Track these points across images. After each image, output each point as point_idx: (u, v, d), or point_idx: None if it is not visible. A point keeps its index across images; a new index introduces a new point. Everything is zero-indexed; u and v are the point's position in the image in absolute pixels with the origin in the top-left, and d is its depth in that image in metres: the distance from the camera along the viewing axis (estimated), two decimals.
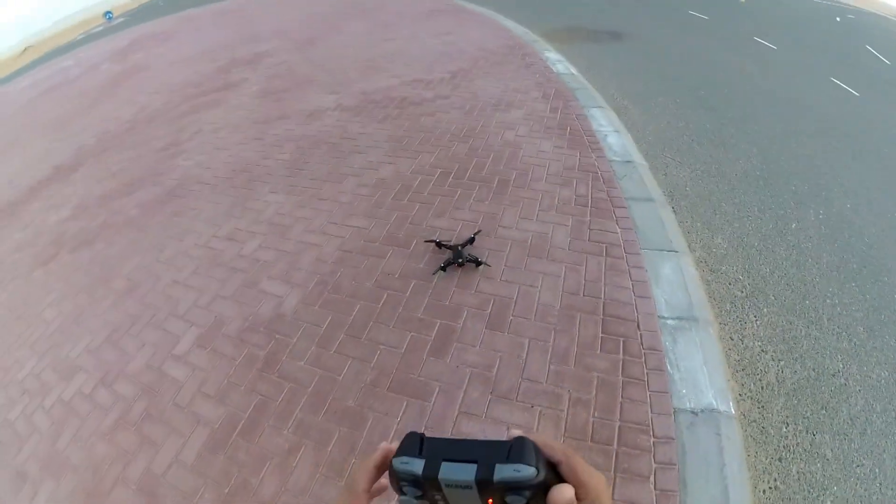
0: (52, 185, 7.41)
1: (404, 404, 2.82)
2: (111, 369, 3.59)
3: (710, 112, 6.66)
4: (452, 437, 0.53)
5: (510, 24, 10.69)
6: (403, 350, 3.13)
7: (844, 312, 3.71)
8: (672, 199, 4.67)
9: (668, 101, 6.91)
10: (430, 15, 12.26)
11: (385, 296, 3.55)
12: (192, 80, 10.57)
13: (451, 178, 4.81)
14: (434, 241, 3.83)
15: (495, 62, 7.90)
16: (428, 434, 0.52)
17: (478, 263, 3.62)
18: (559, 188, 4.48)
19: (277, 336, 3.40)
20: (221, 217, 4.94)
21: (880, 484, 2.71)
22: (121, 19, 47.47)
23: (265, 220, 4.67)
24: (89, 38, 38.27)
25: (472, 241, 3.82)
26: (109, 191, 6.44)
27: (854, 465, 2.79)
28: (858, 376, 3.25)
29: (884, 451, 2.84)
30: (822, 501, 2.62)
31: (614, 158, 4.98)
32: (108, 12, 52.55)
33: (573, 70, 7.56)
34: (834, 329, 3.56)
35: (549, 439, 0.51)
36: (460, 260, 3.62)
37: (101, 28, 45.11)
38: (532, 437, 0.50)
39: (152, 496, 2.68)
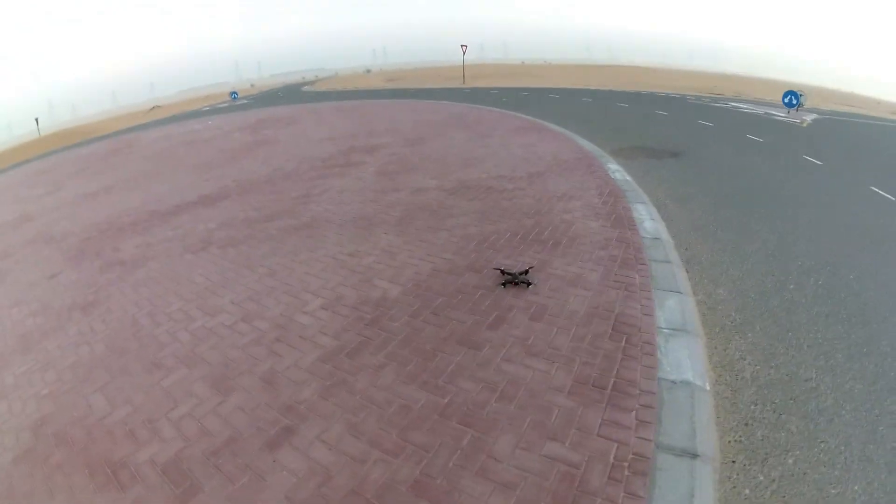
0: (199, 208, 9.71)
1: (463, 352, 4.15)
2: (250, 314, 5.17)
3: (742, 210, 7.82)
4: None
5: (584, 142, 12.65)
6: (469, 324, 4.53)
7: (825, 343, 4.38)
8: (687, 264, 5.86)
9: (706, 201, 8.19)
10: (519, 130, 14.53)
11: (460, 296, 5.03)
12: (319, 156, 13.12)
13: (518, 238, 6.36)
14: (500, 269, 5.35)
15: (566, 169, 9.68)
16: None
17: (528, 284, 5.09)
18: (598, 250, 5.89)
19: (381, 309, 4.93)
20: (346, 242, 6.74)
21: (846, 458, 3.19)
22: (244, 101, 54.23)
23: (379, 248, 6.39)
24: (214, 111, 43.92)
25: (526, 272, 5.28)
26: (252, 217, 8.53)
27: (818, 441, 3.31)
28: (831, 385, 3.85)
29: (850, 436, 3.35)
30: (785, 459, 3.17)
31: (646, 235, 6.34)
32: (234, 92, 60.48)
33: (628, 177, 9.19)
34: (812, 353, 4.24)
35: None
36: (516, 281, 5.11)
37: (225, 105, 51.81)
38: None
39: (270, 383, 3.99)
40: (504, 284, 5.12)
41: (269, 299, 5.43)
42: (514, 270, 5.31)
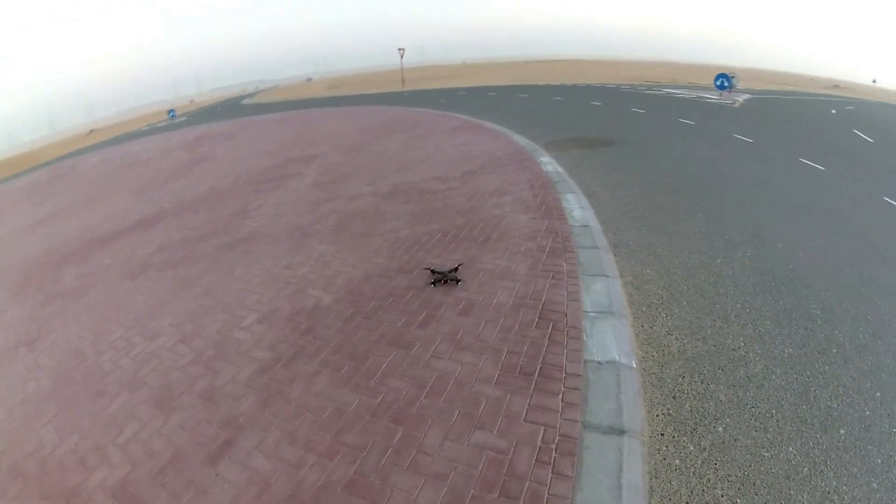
0: (137, 232, 9.56)
1: (394, 352, 4.19)
2: (188, 334, 5.12)
3: (671, 193, 8.13)
4: None
5: (518, 137, 12.92)
6: (400, 325, 4.56)
7: (753, 312, 4.55)
8: (615, 248, 6.03)
9: (636, 187, 8.49)
10: (454, 130, 14.69)
11: (392, 298, 5.06)
12: (255, 171, 13.00)
13: (449, 237, 6.43)
14: (430, 269, 5.40)
15: (499, 165, 9.86)
16: None
17: (457, 281, 5.16)
18: (527, 242, 6.02)
19: (315, 317, 4.92)
20: (281, 255, 6.67)
21: (777, 422, 3.30)
22: (183, 118, 53.17)
23: (313, 258, 6.36)
24: (153, 130, 43.05)
25: (455, 269, 5.34)
26: (188, 238, 8.40)
27: (748, 407, 3.43)
28: (760, 351, 3.99)
29: (782, 400, 3.48)
30: (715, 427, 3.27)
31: (574, 224, 6.52)
32: (172, 111, 59.45)
33: (560, 169, 9.43)
34: (740, 322, 4.39)
35: None
36: (446, 279, 5.17)
37: (164, 123, 50.73)
38: None
39: (210, 400, 3.99)
40: (434, 283, 5.18)
41: (205, 318, 5.36)
42: (443, 269, 5.37)
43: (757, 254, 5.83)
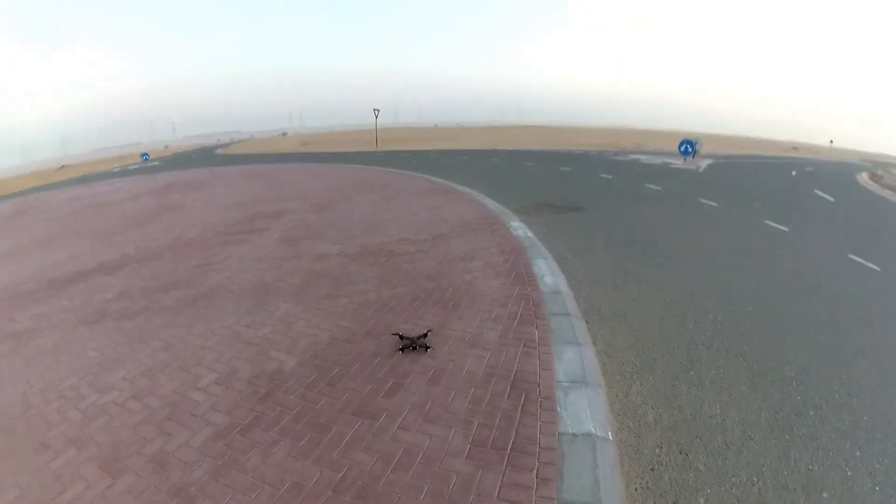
0: (98, 276, 9.14)
1: (359, 422, 3.95)
2: (142, 390, 4.77)
3: (640, 258, 8.23)
4: None
5: (489, 202, 13.08)
6: (365, 393, 4.34)
7: (728, 377, 4.53)
8: (587, 315, 5.98)
9: (606, 252, 8.57)
10: (425, 193, 14.81)
11: (358, 364, 4.84)
12: (223, 222, 12.78)
13: (418, 301, 6.28)
14: (398, 335, 5.22)
15: (469, 229, 9.87)
16: None
17: (427, 348, 4.99)
18: (498, 308, 5.92)
19: (276, 381, 4.65)
20: (242, 312, 6.38)
21: (759, 489, 3.23)
22: (156, 163, 52.86)
23: (276, 317, 6.10)
24: (125, 172, 42.63)
25: (425, 335, 5.17)
26: (150, 287, 8.01)
27: (729, 476, 3.35)
28: (737, 418, 3.93)
29: (762, 466, 3.43)
30: (696, 499, 3.17)
31: (545, 290, 6.46)
32: (146, 154, 59.44)
33: (530, 233, 9.49)
34: (715, 388, 4.35)
35: None
36: (414, 345, 5.00)
37: (136, 166, 50.41)
38: None
39: (161, 465, 3.67)
40: (402, 350, 5.00)
41: (161, 375, 5.02)
42: (412, 335, 5.21)
43: (728, 318, 5.87)
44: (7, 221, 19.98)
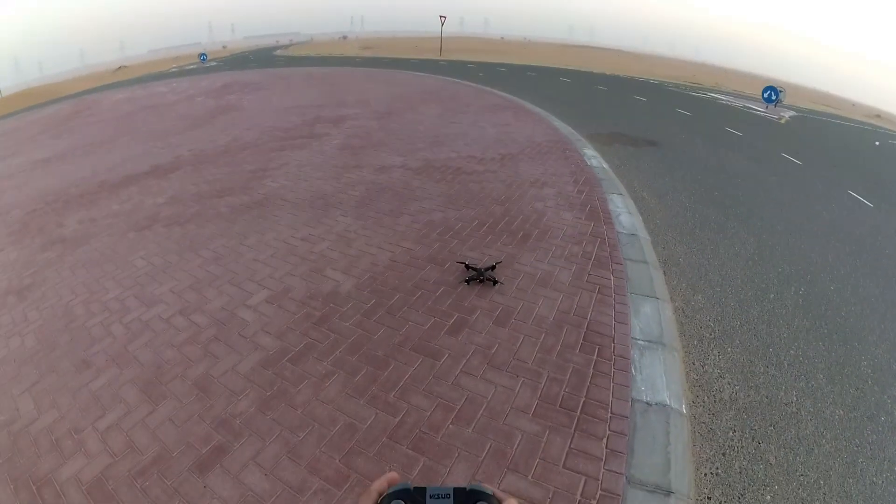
0: (149, 179, 9.04)
1: (420, 360, 3.70)
2: (189, 305, 4.63)
3: (720, 208, 7.60)
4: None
5: (560, 124, 12.22)
6: (427, 327, 4.06)
7: (806, 361, 4.21)
8: (665, 265, 5.51)
9: (684, 196, 7.91)
10: (493, 108, 14.00)
11: (420, 293, 4.54)
12: (281, 126, 12.44)
13: (485, 228, 5.88)
14: (464, 263, 4.87)
15: (540, 152, 9.22)
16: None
17: (494, 282, 4.62)
18: (571, 245, 5.47)
19: (332, 305, 4.41)
20: (299, 224, 6.14)
21: (824, 494, 3.02)
22: (213, 63, 53.03)
23: (335, 233, 5.82)
24: (182, 73, 43.12)
25: (493, 267, 4.81)
26: (203, 192, 7.86)
27: (797, 474, 3.14)
28: (812, 409, 3.66)
29: (830, 469, 3.19)
30: (763, 495, 2.98)
31: (622, 231, 5.95)
32: (203, 54, 59.59)
33: (605, 165, 8.79)
34: (793, 372, 4.05)
35: (502, 494, 0.57)
36: (482, 278, 4.63)
37: (194, 66, 50.75)
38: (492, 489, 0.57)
39: (205, 391, 3.53)
40: (468, 281, 4.66)
41: (210, 289, 4.86)
42: (479, 266, 4.85)
43: (809, 293, 5.39)
44: (62, 122, 20.15)
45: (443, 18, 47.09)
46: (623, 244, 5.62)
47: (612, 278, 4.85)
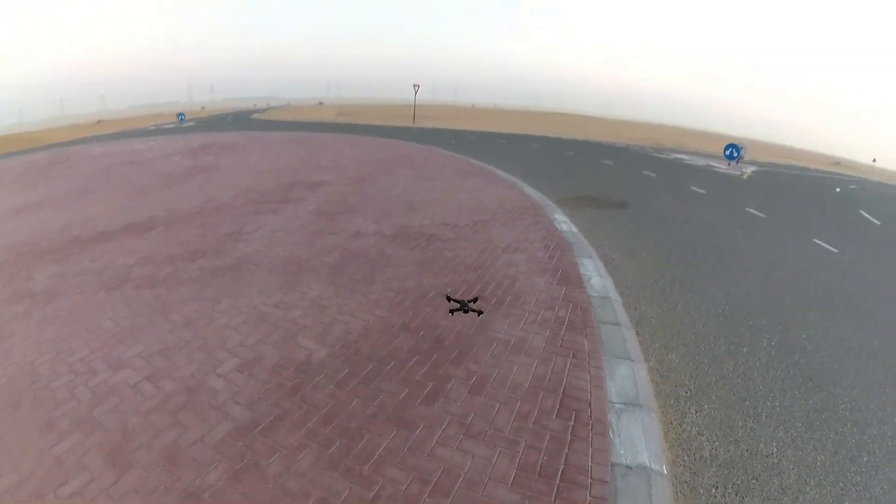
0: (123, 237, 8.93)
1: (394, 431, 3.62)
2: (158, 371, 4.47)
3: (689, 265, 7.81)
4: None
5: (530, 190, 12.57)
6: (401, 397, 3.99)
7: (784, 411, 4.28)
8: (637, 326, 5.58)
9: (653, 257, 8.11)
10: (465, 174, 14.33)
11: (394, 362, 4.49)
12: (257, 189, 12.53)
13: (459, 294, 5.88)
14: (448, 297, 5.14)
15: (511, 217, 9.42)
16: None
17: (479, 313, 4.77)
18: (544, 310, 5.52)
19: (304, 374, 4.32)
20: (272, 290, 6.08)
21: None
22: (191, 123, 53.34)
23: (308, 299, 5.77)
24: (159, 131, 43.20)
25: (475, 300, 5.14)
26: (176, 254, 7.75)
27: None
28: (793, 458, 3.72)
29: None
30: None
31: (594, 294, 6.04)
32: (182, 114, 60.19)
33: (575, 229, 9.02)
34: (772, 423, 4.11)
35: None
36: (465, 309, 4.81)
37: (171, 126, 51.11)
38: None
39: (172, 461, 3.37)
40: (452, 312, 4.76)
41: (180, 355, 4.74)
42: (462, 298, 4.95)
43: (782, 342, 5.55)
44: (40, 172, 20.11)
45: (416, 87, 48.65)
46: (595, 307, 5.70)
47: (585, 342, 4.89)
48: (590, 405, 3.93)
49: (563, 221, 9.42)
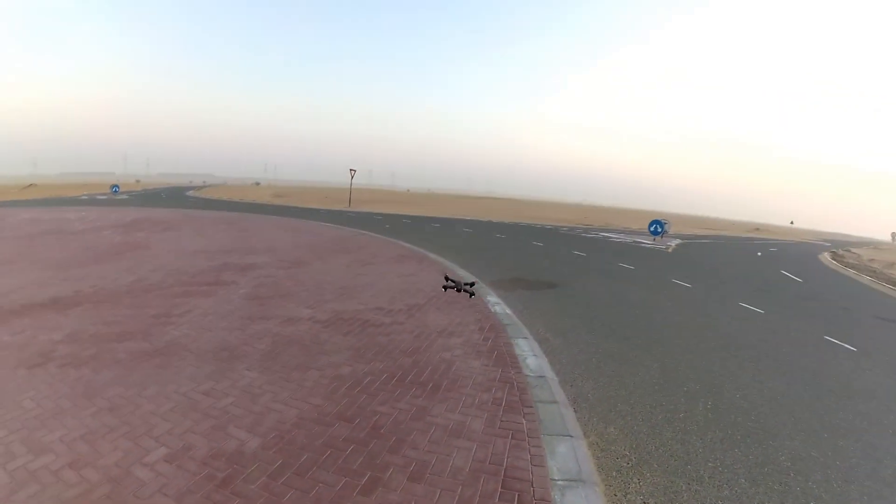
0: (47, 312, 8.24)
1: None
2: (81, 458, 4.09)
3: (621, 339, 8.13)
4: None
5: (464, 273, 12.80)
6: (338, 488, 3.82)
7: (726, 470, 4.42)
8: (575, 402, 5.67)
9: (586, 334, 8.38)
10: (399, 259, 14.48)
11: (329, 451, 4.32)
12: (188, 270, 12.06)
13: (395, 381, 5.83)
14: (445, 277, 5.03)
15: (445, 301, 9.51)
16: None
17: (471, 294, 4.66)
18: (481, 392, 5.55)
19: (236, 465, 4.06)
20: (202, 377, 5.75)
21: None
22: (125, 196, 51.37)
23: (239, 387, 5.51)
24: (92, 201, 41.31)
25: (472, 284, 4.97)
26: (102, 334, 7.22)
27: None
28: None
29: None
30: None
31: (530, 374, 6.14)
32: (116, 186, 58.03)
33: (508, 311, 9.22)
34: (715, 483, 4.22)
35: None
36: (460, 289, 4.71)
37: (105, 197, 49.13)
38: None
39: None
40: (445, 289, 4.66)
41: (104, 442, 4.36)
42: (458, 281, 4.88)
43: (717, 404, 5.83)
44: None
45: (352, 171, 49.54)
46: (532, 387, 5.77)
47: (524, 422, 4.92)
48: (532, 485, 3.91)
49: (496, 303, 9.60)
